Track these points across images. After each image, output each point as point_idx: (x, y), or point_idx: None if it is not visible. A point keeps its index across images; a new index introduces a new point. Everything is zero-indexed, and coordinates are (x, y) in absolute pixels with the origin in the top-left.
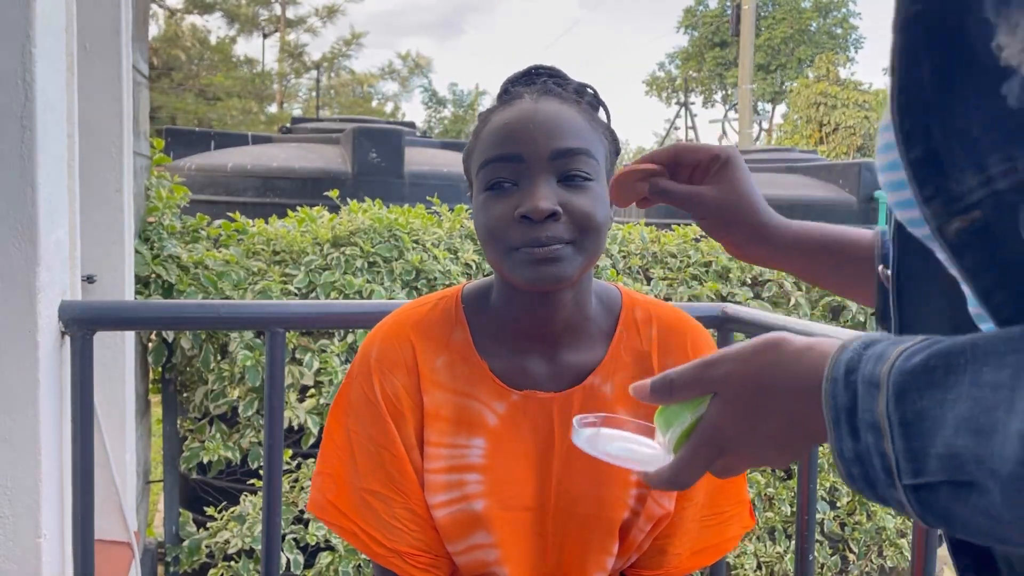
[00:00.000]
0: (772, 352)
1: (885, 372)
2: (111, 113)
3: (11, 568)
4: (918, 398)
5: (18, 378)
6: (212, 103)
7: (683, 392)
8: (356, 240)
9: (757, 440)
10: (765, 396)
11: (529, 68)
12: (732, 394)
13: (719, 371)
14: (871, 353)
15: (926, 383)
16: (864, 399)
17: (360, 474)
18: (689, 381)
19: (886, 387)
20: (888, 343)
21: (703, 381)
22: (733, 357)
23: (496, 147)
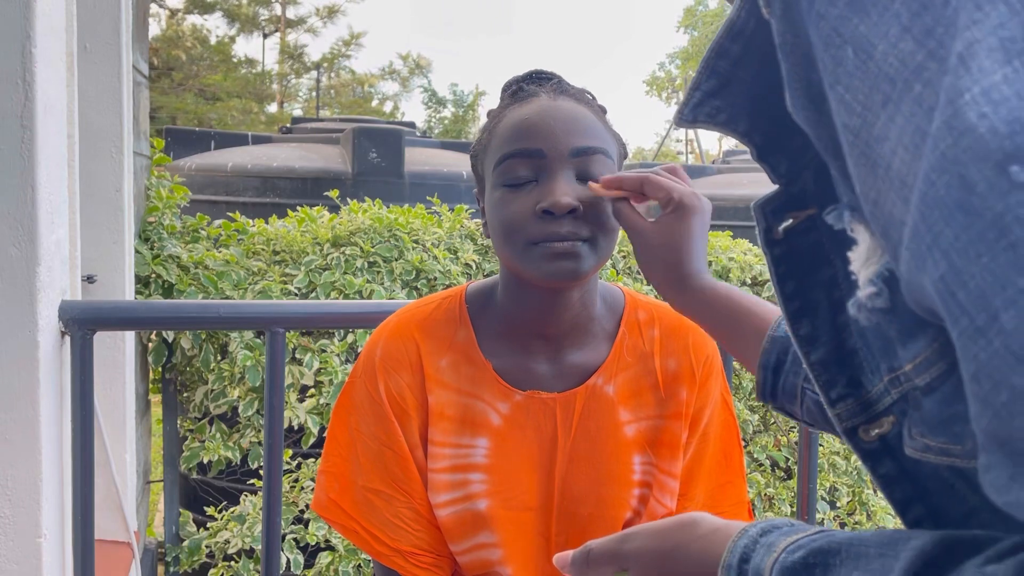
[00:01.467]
0: (684, 531)
1: (769, 565)
2: (111, 113)
3: (11, 568)
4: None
5: (18, 378)
6: (212, 103)
7: (599, 565)
8: (356, 240)
9: None
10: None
11: (531, 72)
12: (642, 573)
13: (632, 545)
14: (764, 542)
15: None
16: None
17: (363, 473)
18: (605, 553)
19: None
20: (782, 532)
21: (618, 555)
22: (648, 532)
23: (516, 142)
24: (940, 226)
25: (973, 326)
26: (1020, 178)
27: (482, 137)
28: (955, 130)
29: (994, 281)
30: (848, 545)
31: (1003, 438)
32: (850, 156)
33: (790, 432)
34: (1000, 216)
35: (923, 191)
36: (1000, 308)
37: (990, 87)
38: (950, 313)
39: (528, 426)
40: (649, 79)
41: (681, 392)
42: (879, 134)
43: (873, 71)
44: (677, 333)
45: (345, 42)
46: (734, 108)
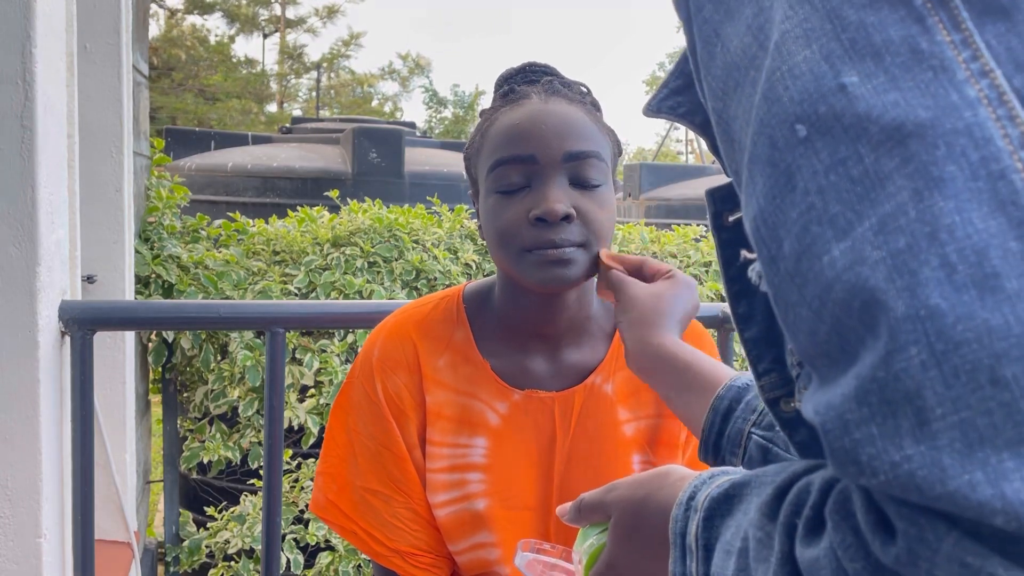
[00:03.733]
0: (657, 480)
1: (703, 497)
2: (111, 113)
3: (11, 568)
4: (719, 524)
5: (18, 378)
6: (212, 103)
7: (589, 515)
8: (356, 240)
9: (645, 568)
10: (646, 524)
11: (524, 65)
12: (622, 520)
13: (614, 495)
14: (711, 481)
15: (725, 511)
16: (689, 523)
17: (361, 473)
18: (593, 504)
19: (700, 511)
20: (725, 474)
21: (603, 505)
22: (627, 483)
23: (507, 148)
24: (756, 177)
25: (768, 255)
26: (802, 134)
27: (474, 139)
28: (768, 100)
29: (781, 216)
30: (755, 477)
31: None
32: (718, 136)
33: None
34: (788, 165)
35: (750, 151)
36: (783, 238)
37: (793, 66)
38: (757, 247)
39: (526, 425)
40: (649, 79)
41: None
42: (732, 114)
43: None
44: None
45: (345, 42)
46: (694, 103)
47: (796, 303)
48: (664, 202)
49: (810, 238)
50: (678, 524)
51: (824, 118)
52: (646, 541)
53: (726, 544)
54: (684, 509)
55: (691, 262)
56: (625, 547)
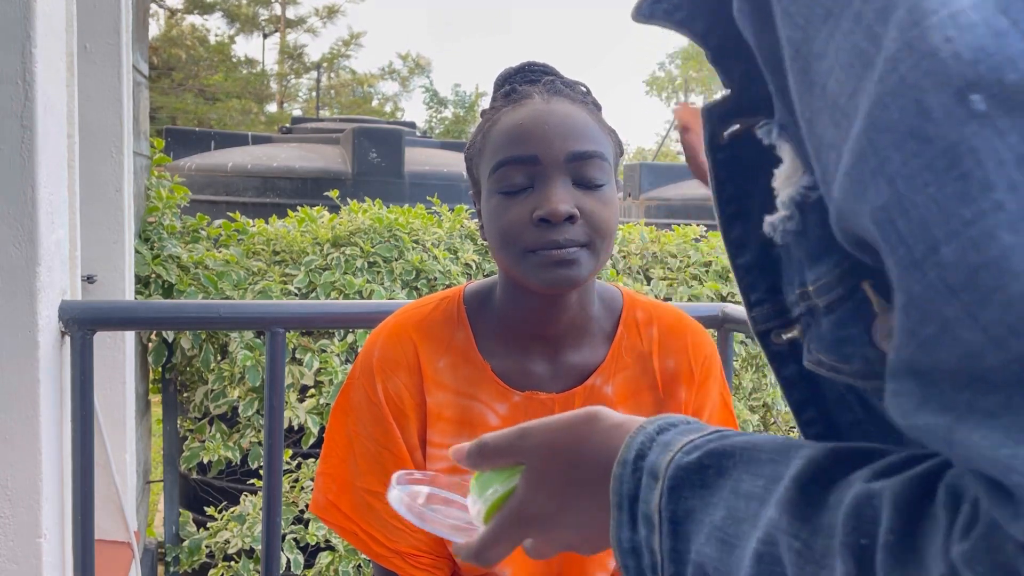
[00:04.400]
0: (586, 426)
1: (665, 464)
2: (111, 113)
3: (11, 568)
4: (689, 496)
5: (18, 378)
6: (212, 103)
7: (495, 459)
8: (356, 240)
9: (562, 521)
10: (571, 473)
11: (523, 65)
12: (540, 468)
13: (531, 441)
14: (661, 440)
15: (698, 482)
16: (645, 489)
17: (361, 474)
18: (501, 448)
19: (663, 480)
20: (679, 431)
21: (514, 449)
22: (547, 427)
23: (510, 148)
24: (889, 151)
25: (910, 257)
26: (979, 108)
27: (476, 139)
28: (917, 52)
29: (938, 212)
30: (743, 449)
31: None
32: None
33: (790, 432)
34: (954, 145)
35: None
36: (941, 240)
37: (958, 11)
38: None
39: None
40: (649, 79)
41: (680, 392)
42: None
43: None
44: (676, 333)
45: (345, 42)
46: (694, 6)
47: (956, 321)
48: (664, 202)
49: (997, 249)
50: (624, 486)
51: (1017, 90)
52: (571, 492)
53: (716, 529)
54: (632, 469)
55: (691, 262)
56: (543, 497)
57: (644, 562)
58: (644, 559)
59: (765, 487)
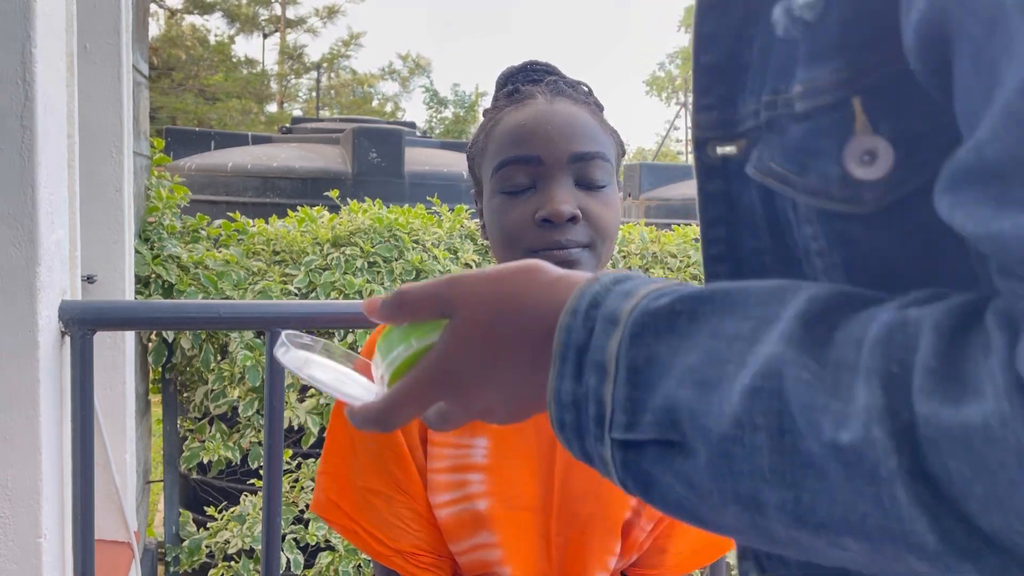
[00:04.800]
0: (524, 276)
1: (627, 310)
2: (111, 113)
3: (11, 568)
4: (653, 342)
5: (18, 378)
6: (212, 103)
7: (414, 309)
8: (356, 240)
9: (486, 379)
10: (506, 325)
11: (525, 64)
12: (470, 319)
13: (460, 289)
14: (620, 289)
15: (666, 328)
16: (599, 337)
17: (363, 473)
18: (424, 297)
19: (624, 326)
20: (640, 281)
21: (440, 299)
22: (481, 277)
23: (513, 148)
24: None
25: None
26: None
27: (478, 139)
28: None
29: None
30: (724, 294)
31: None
32: None
33: None
34: None
35: None
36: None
37: None
38: None
39: (527, 426)
40: (649, 79)
41: None
42: None
43: None
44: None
45: (345, 42)
46: None
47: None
48: (664, 202)
49: None
50: (572, 335)
51: None
52: (501, 347)
53: (692, 371)
54: (584, 318)
55: (691, 262)
56: (467, 352)
57: (587, 413)
58: (587, 410)
59: (755, 328)
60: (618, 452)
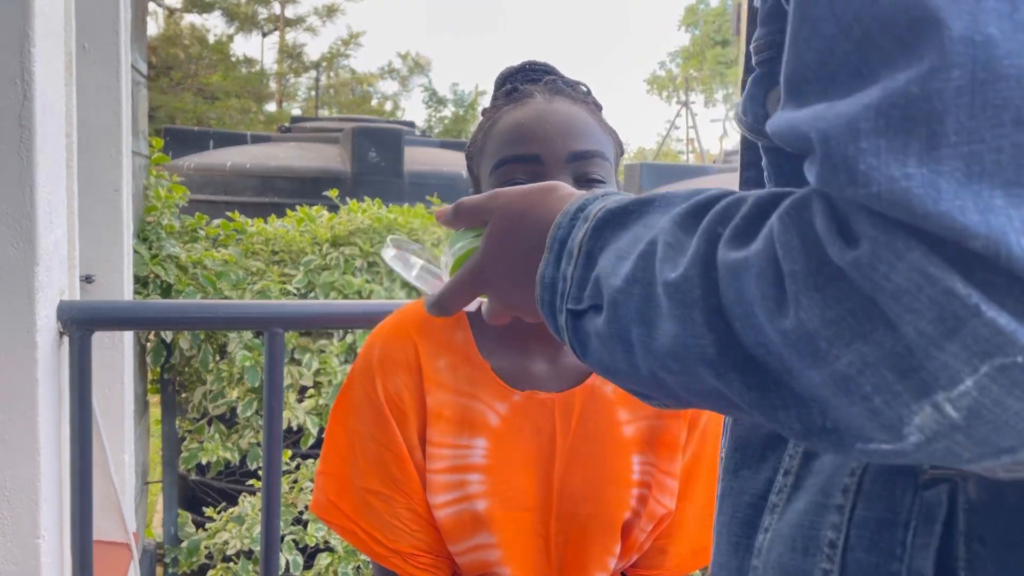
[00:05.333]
0: (544, 192)
1: (597, 209)
2: (110, 113)
3: (10, 569)
4: (609, 234)
5: (16, 378)
6: (211, 102)
7: (466, 216)
8: (355, 240)
9: (513, 274)
10: (525, 228)
11: (524, 64)
12: (500, 224)
13: (498, 200)
14: (603, 197)
15: (620, 223)
16: (575, 229)
17: (361, 474)
18: (472, 207)
19: (591, 220)
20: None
21: (484, 209)
22: (514, 190)
23: (512, 146)
24: None
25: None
26: None
27: (477, 138)
28: None
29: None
30: (661, 197)
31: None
32: None
33: None
34: None
35: None
36: None
37: None
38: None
39: (526, 426)
40: (650, 78)
41: None
42: None
43: None
44: None
45: (344, 41)
46: None
47: (820, 17)
48: None
49: None
50: (560, 231)
51: None
52: (520, 245)
53: (619, 250)
54: (570, 218)
55: None
56: (497, 250)
57: (556, 291)
58: (557, 288)
59: (671, 219)
60: (570, 320)
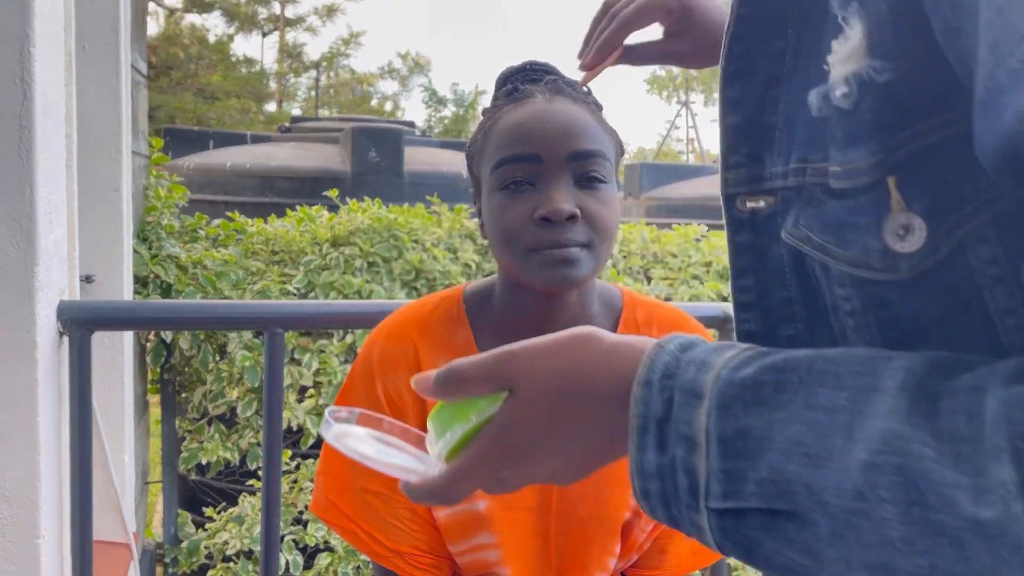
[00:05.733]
0: (581, 347)
1: (709, 382)
2: (110, 112)
3: (10, 569)
4: (743, 414)
5: (16, 378)
6: (211, 102)
7: (474, 386)
8: (355, 240)
9: (551, 449)
10: (569, 398)
11: (525, 64)
12: (532, 393)
13: (520, 365)
14: (690, 359)
15: (754, 399)
16: (681, 409)
17: (361, 474)
18: (483, 373)
19: (709, 398)
20: (708, 349)
21: (499, 375)
22: (537, 350)
23: (512, 146)
24: None
25: None
26: None
27: (478, 137)
28: None
29: None
30: (809, 363)
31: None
32: None
33: None
34: None
35: None
36: None
37: None
38: None
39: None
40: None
41: None
42: None
43: None
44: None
45: (344, 41)
46: None
47: None
48: (665, 201)
49: None
50: (650, 407)
51: None
52: (564, 418)
53: (795, 444)
54: (658, 389)
55: (691, 262)
56: (530, 425)
57: (676, 484)
58: (676, 481)
59: (852, 399)
60: (715, 519)
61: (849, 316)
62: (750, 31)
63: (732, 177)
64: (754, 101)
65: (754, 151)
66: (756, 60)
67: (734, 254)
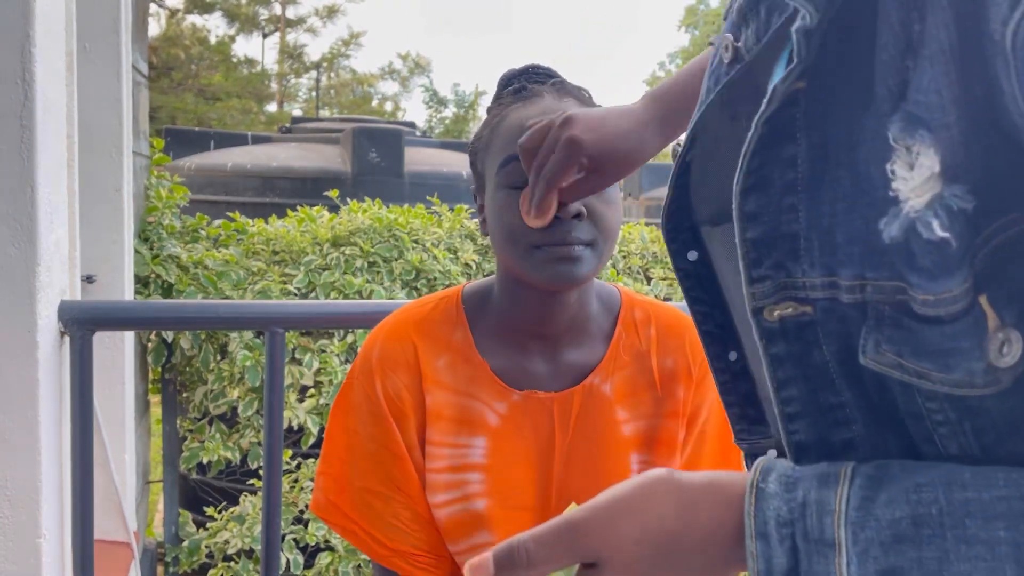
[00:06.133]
0: (665, 500)
1: (836, 527)
2: (111, 113)
3: (11, 568)
4: (882, 555)
5: (17, 378)
6: (212, 103)
7: (545, 565)
8: (356, 240)
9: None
10: (668, 559)
11: (527, 67)
12: (625, 562)
13: (600, 534)
14: (799, 498)
15: (892, 537)
16: (814, 560)
17: (361, 474)
18: (555, 550)
19: (845, 544)
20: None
21: (576, 549)
22: (614, 510)
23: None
24: None
25: None
26: None
27: (483, 134)
28: None
29: None
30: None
31: None
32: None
33: None
34: None
35: None
36: None
37: None
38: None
39: (525, 426)
40: (650, 79)
41: (678, 391)
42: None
43: None
44: (674, 332)
45: (345, 42)
46: None
47: None
48: None
49: None
50: (773, 562)
51: None
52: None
53: None
54: (778, 540)
55: None
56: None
57: None
58: None
59: (1010, 526)
60: None
61: (941, 425)
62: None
63: (758, 290)
64: (773, 212)
65: (778, 261)
66: (769, 169)
67: (772, 367)
